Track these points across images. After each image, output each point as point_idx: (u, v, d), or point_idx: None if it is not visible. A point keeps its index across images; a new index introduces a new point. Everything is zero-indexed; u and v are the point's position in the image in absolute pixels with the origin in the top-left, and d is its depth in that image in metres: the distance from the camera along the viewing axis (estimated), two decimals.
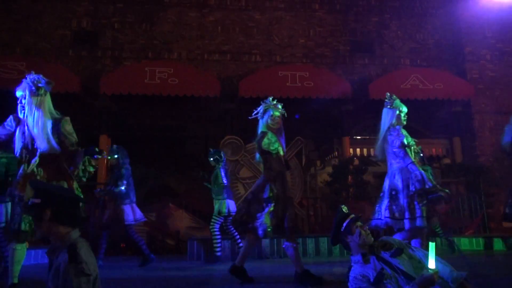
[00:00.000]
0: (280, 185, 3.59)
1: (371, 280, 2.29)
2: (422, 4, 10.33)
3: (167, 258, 6.74)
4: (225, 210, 5.78)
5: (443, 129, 9.83)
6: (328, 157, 10.78)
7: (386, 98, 4.05)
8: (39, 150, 3.11)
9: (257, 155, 3.89)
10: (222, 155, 6.16)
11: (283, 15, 10.00)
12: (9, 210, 3.96)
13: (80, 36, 9.37)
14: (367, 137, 10.20)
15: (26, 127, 3.17)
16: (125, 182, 5.44)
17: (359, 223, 2.44)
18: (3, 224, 3.82)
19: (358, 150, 10.08)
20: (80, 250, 1.93)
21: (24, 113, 3.20)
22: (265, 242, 6.48)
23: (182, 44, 9.56)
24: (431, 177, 4.81)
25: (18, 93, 3.29)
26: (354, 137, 9.93)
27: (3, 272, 4.22)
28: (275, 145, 3.69)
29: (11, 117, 3.25)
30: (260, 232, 3.55)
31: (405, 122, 4.00)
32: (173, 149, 11.08)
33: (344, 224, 2.44)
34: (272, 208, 3.57)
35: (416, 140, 3.93)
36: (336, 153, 10.24)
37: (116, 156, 5.64)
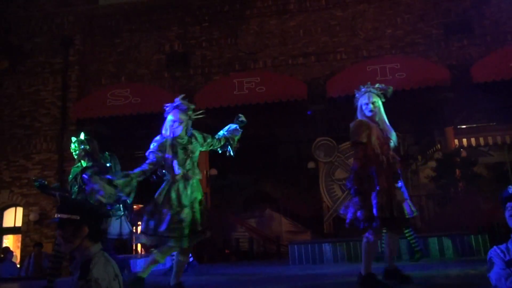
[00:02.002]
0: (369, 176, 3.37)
1: (506, 258, 2.17)
2: None
3: (269, 262, 6.86)
4: None
5: None
6: (430, 151, 10.02)
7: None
8: None
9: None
10: None
11: (366, 7, 9.61)
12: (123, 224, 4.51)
13: (173, 58, 10.12)
14: (474, 125, 9.26)
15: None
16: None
17: None
18: (114, 237, 4.35)
19: (464, 140, 9.18)
20: (95, 265, 1.89)
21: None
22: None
23: (266, 53, 9.74)
24: None
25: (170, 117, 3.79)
26: (459, 126, 9.07)
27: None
28: (364, 134, 3.48)
29: (159, 141, 3.61)
30: (374, 225, 3.28)
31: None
32: (266, 156, 11.31)
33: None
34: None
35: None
36: (439, 145, 9.46)
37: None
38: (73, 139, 4.72)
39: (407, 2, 9.48)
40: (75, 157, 4.73)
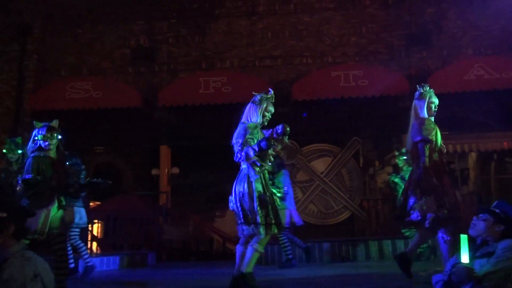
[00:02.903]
0: (437, 174, 3.44)
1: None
2: None
3: (228, 263, 6.86)
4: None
5: None
6: (387, 157, 10.39)
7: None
8: None
9: (409, 143, 3.75)
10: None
11: (333, 14, 9.84)
12: None
13: (138, 53, 9.90)
14: None
15: None
16: None
17: None
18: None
19: None
20: (8, 266, 1.82)
21: None
22: (326, 245, 6.37)
23: (233, 53, 9.75)
24: None
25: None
26: None
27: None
28: (433, 132, 3.57)
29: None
30: (426, 223, 3.35)
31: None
32: (230, 156, 11.29)
33: None
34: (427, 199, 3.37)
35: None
36: (396, 152, 9.83)
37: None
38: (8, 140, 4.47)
39: (371, 13, 9.80)
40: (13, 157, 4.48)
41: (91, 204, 9.46)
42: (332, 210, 8.40)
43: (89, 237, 8.56)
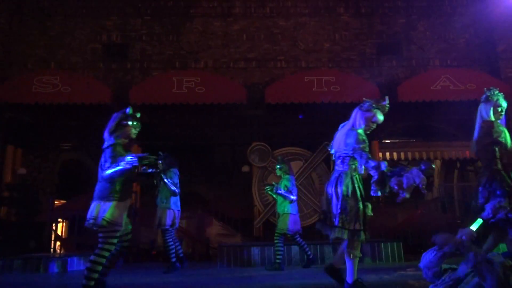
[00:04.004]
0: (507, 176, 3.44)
1: None
2: (451, 3, 10.06)
3: (198, 265, 6.81)
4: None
5: None
6: None
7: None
8: None
9: (475, 148, 3.66)
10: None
11: (308, 20, 9.99)
12: None
13: (110, 49, 9.69)
14: (397, 140, 9.99)
15: None
16: None
17: None
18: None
19: (387, 154, 9.88)
20: None
21: None
22: (295, 248, 6.43)
23: (208, 53, 9.71)
24: None
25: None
26: (383, 141, 9.75)
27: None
28: (502, 134, 3.57)
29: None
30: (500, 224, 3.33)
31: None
32: (201, 157, 11.23)
33: None
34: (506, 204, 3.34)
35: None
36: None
37: None
38: None
39: (345, 20, 10.02)
40: None
41: (56, 202, 9.16)
42: (301, 213, 8.47)
43: (53, 237, 8.29)
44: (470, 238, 2.78)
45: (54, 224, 8.55)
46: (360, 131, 3.44)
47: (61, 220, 9.22)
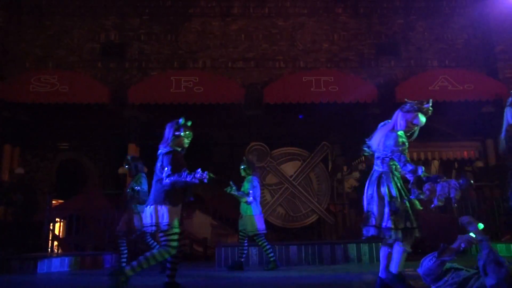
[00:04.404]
0: None
1: None
2: (450, 3, 10.08)
3: (195, 265, 6.79)
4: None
5: (475, 131, 9.52)
6: (355, 162, 10.64)
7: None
8: None
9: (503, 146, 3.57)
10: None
11: (306, 20, 9.99)
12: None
13: (108, 48, 9.67)
14: None
15: None
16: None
17: None
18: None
19: None
20: None
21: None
22: (293, 248, 6.43)
23: (206, 53, 9.70)
24: None
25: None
26: None
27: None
28: None
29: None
30: None
31: None
32: (199, 157, 11.20)
33: None
34: None
35: None
36: (363, 157, 10.09)
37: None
38: None
39: (343, 20, 10.02)
40: None
41: (53, 202, 9.14)
42: (300, 213, 8.49)
43: (50, 236, 8.27)
44: (469, 245, 2.76)
45: (51, 224, 8.52)
46: (400, 133, 3.42)
47: (58, 219, 9.19)
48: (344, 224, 8.89)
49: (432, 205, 3.06)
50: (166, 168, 3.56)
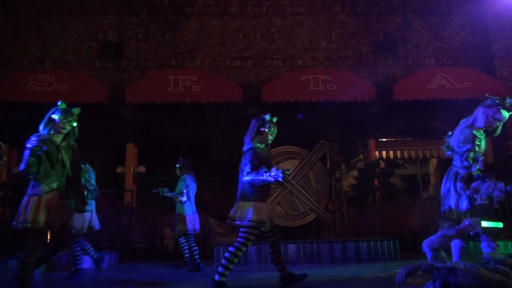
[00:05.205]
0: None
1: None
2: (447, 2, 10.09)
3: None
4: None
5: None
6: (353, 161, 10.65)
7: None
8: None
9: None
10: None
11: (304, 19, 9.98)
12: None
13: (105, 47, 9.64)
14: (393, 139, 10.02)
15: None
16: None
17: None
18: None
19: (384, 152, 9.90)
20: None
21: None
22: (292, 247, 6.44)
23: (204, 52, 9.68)
24: None
25: None
26: (380, 139, 9.77)
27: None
28: None
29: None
30: None
31: None
32: (198, 156, 11.19)
33: None
34: None
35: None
36: (361, 156, 10.10)
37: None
38: None
39: (341, 19, 10.02)
40: None
41: None
42: (298, 212, 8.49)
43: (48, 236, 8.23)
44: (473, 229, 2.76)
45: None
46: (475, 130, 3.39)
47: None
48: (343, 222, 8.89)
49: (476, 202, 3.06)
50: (246, 166, 3.57)
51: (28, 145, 3.37)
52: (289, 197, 8.59)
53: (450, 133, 3.69)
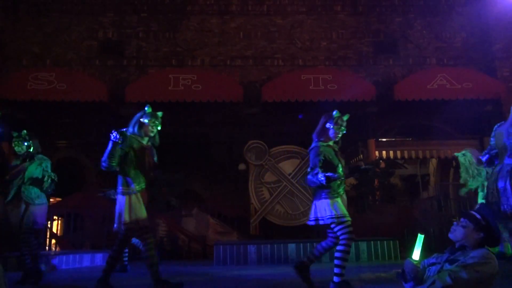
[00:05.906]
0: None
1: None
2: (448, 2, 10.08)
3: (193, 263, 6.79)
4: None
5: (473, 129, 9.53)
6: (353, 160, 10.64)
7: None
8: None
9: None
10: None
11: (305, 18, 9.97)
12: None
13: (106, 46, 9.63)
14: (393, 139, 10.01)
15: None
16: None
17: None
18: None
19: (384, 152, 9.89)
20: None
21: None
22: (291, 246, 6.44)
23: (205, 51, 9.67)
24: None
25: None
26: (380, 139, 9.76)
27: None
28: None
29: None
30: None
31: None
32: (198, 155, 11.19)
33: None
34: None
35: None
36: (362, 156, 10.09)
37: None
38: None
39: (342, 19, 10.01)
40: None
41: (51, 200, 9.10)
42: (298, 211, 8.49)
43: (48, 234, 8.25)
44: (412, 272, 2.26)
45: (49, 222, 8.49)
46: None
47: (56, 217, 9.16)
48: None
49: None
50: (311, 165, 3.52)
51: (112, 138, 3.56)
52: (289, 197, 8.59)
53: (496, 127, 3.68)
